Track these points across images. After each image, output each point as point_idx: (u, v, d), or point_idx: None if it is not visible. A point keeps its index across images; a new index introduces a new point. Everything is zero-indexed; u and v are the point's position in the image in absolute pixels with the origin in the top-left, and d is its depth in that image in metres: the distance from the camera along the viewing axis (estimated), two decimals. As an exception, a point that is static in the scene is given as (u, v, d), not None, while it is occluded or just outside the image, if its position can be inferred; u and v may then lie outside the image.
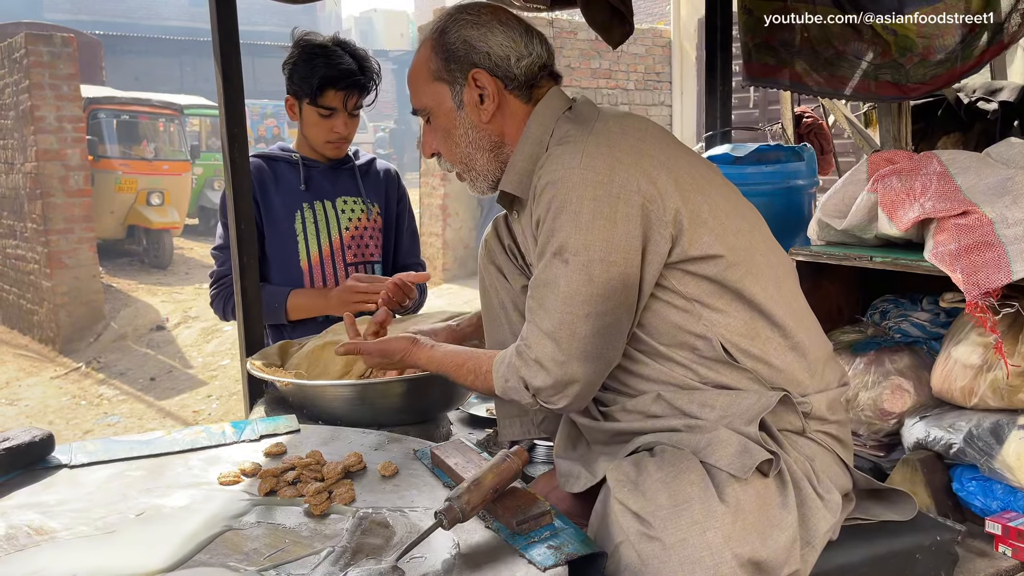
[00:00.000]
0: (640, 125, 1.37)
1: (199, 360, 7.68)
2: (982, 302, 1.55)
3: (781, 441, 1.29)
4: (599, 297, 1.26)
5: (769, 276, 1.35)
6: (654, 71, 10.34)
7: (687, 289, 1.31)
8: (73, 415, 6.49)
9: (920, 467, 1.69)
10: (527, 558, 1.08)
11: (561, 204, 1.26)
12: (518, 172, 1.42)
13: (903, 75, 2.17)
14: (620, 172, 1.26)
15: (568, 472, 1.44)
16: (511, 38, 1.41)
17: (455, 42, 1.41)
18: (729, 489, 1.18)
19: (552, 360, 1.27)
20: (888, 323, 2.05)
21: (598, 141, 1.29)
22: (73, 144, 8.49)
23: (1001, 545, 1.55)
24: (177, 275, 11.07)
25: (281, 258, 2.32)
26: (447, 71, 1.42)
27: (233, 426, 1.58)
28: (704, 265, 1.30)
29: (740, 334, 1.31)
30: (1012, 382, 1.62)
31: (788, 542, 1.19)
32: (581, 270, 1.25)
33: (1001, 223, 1.59)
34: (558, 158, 1.30)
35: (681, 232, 1.28)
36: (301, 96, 2.25)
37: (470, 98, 1.42)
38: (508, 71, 1.41)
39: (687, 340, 1.32)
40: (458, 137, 1.45)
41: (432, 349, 1.53)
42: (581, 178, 1.25)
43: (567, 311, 1.26)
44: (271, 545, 1.15)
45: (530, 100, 1.44)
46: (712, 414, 1.29)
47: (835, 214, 1.99)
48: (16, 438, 1.37)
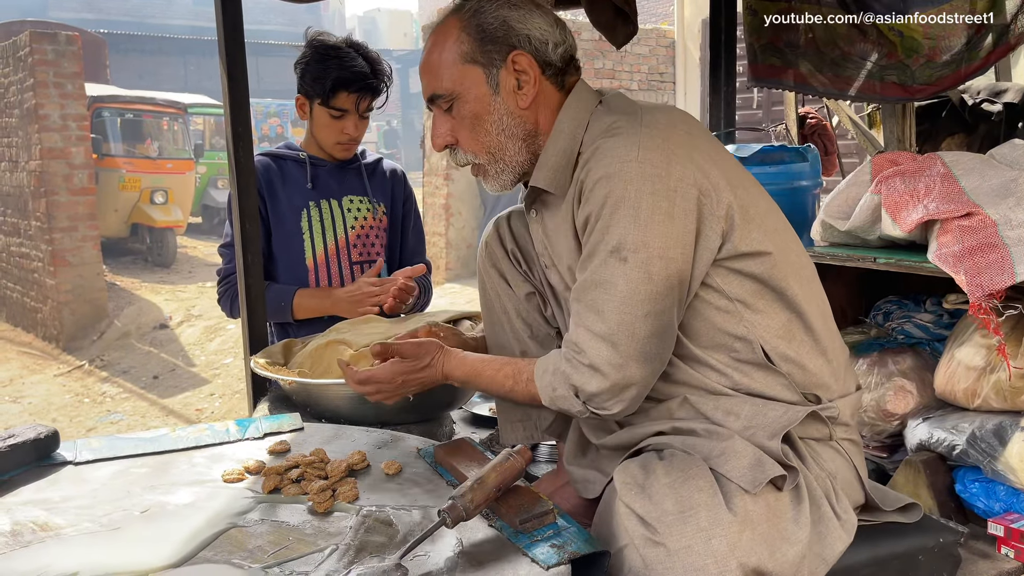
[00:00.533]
0: (684, 117, 1.33)
1: (202, 358, 7.69)
2: (985, 304, 1.55)
3: (804, 455, 1.27)
4: (658, 295, 1.22)
5: (804, 276, 1.33)
6: (658, 71, 10.34)
7: (731, 289, 1.28)
8: (76, 413, 6.50)
9: (923, 468, 1.69)
10: (530, 556, 1.08)
11: (619, 199, 1.21)
12: (551, 168, 1.36)
13: (909, 76, 2.17)
14: (676, 165, 1.22)
15: (584, 479, 1.43)
16: (549, 23, 1.36)
17: (493, 23, 1.34)
18: (738, 499, 1.16)
19: (609, 364, 1.22)
20: (891, 324, 2.05)
21: (652, 133, 1.24)
22: (77, 142, 8.50)
23: (1004, 547, 1.55)
24: (180, 273, 11.08)
25: (287, 256, 2.33)
26: (482, 53, 1.34)
27: (237, 424, 1.59)
28: (751, 262, 1.27)
29: (778, 336, 1.29)
30: (1015, 384, 1.62)
31: (797, 557, 1.17)
32: (640, 268, 1.20)
33: (1005, 225, 1.59)
34: (612, 151, 1.24)
35: (732, 227, 1.26)
36: (312, 96, 2.26)
37: (507, 82, 1.35)
38: (547, 56, 1.35)
39: (726, 342, 1.30)
40: (490, 124, 1.37)
41: (462, 355, 1.46)
42: (639, 171, 1.21)
43: (626, 311, 1.21)
44: (275, 543, 1.15)
45: (563, 88, 1.39)
46: (736, 423, 1.27)
47: (839, 215, 1.99)
48: (21, 435, 1.38)
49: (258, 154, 2.31)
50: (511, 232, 1.59)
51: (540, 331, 1.58)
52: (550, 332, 1.58)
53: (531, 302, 1.57)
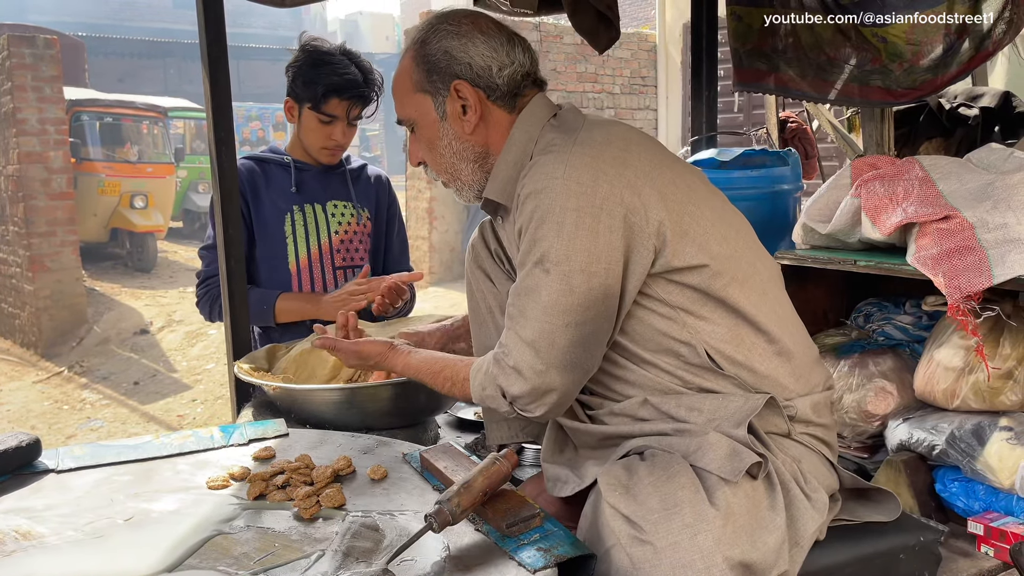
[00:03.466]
0: (625, 134, 1.37)
1: (183, 364, 7.63)
2: (964, 305, 1.57)
3: (768, 443, 1.30)
4: (579, 307, 1.26)
5: (754, 283, 1.36)
6: (640, 75, 10.39)
7: (671, 297, 1.31)
8: (56, 419, 6.44)
9: (904, 468, 1.71)
10: (517, 560, 1.09)
11: (544, 214, 1.26)
12: (502, 180, 1.42)
13: (892, 81, 2.20)
14: (603, 183, 1.26)
15: (556, 477, 1.44)
16: (492, 48, 1.40)
17: (436, 53, 1.40)
18: (719, 492, 1.19)
19: (531, 368, 1.27)
20: (872, 326, 2.07)
21: (582, 151, 1.29)
22: (56, 147, 8.42)
23: (983, 545, 1.57)
24: (161, 278, 10.99)
25: (270, 260, 2.32)
26: (429, 82, 1.41)
27: (221, 430, 1.58)
28: (688, 275, 1.30)
29: (724, 340, 1.32)
30: (993, 384, 1.64)
31: (777, 543, 1.20)
32: (562, 280, 1.25)
33: (982, 228, 1.62)
34: (542, 167, 1.30)
35: (664, 243, 1.29)
36: (303, 100, 2.26)
37: (452, 109, 1.41)
38: (490, 81, 1.40)
39: (671, 346, 1.33)
40: (442, 148, 1.45)
41: (408, 355, 1.53)
42: (564, 188, 1.25)
43: (547, 320, 1.26)
44: (261, 549, 1.15)
45: (514, 109, 1.43)
46: (700, 418, 1.29)
47: (819, 218, 2.01)
48: (2, 443, 1.37)
49: (242, 158, 2.30)
50: (495, 234, 1.63)
51: None
52: None
53: None
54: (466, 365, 1.42)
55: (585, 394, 1.44)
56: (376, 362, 1.57)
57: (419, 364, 1.50)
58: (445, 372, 1.45)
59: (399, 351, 1.55)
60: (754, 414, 1.27)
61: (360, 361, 1.60)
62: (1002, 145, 1.89)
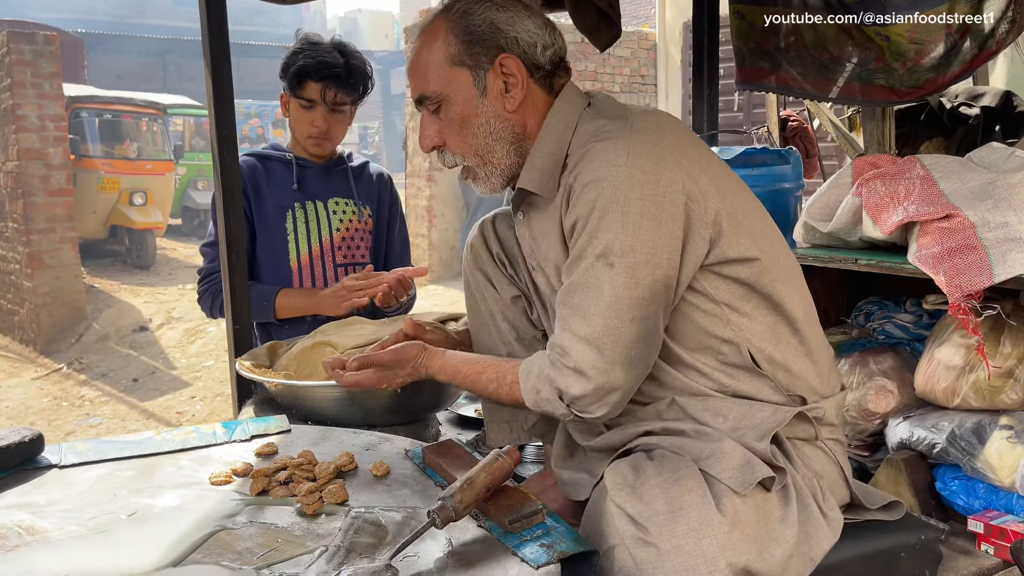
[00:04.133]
0: (673, 123, 1.33)
1: (183, 361, 7.63)
2: (964, 304, 1.57)
3: (791, 455, 1.29)
4: (644, 300, 1.22)
5: (789, 279, 1.34)
6: (639, 74, 10.39)
7: (718, 292, 1.28)
8: (55, 416, 6.43)
9: (904, 467, 1.72)
10: (520, 556, 1.09)
11: (608, 203, 1.21)
12: (539, 170, 1.35)
13: (896, 80, 2.21)
14: (666, 171, 1.22)
15: (572, 481, 1.43)
16: (537, 25, 1.35)
17: (481, 24, 1.33)
18: (727, 499, 1.18)
19: (594, 368, 1.22)
20: (872, 325, 2.07)
21: (642, 139, 1.24)
22: (55, 143, 8.42)
23: (983, 543, 1.57)
24: (160, 276, 10.99)
25: (271, 257, 2.32)
26: (470, 55, 1.33)
27: (224, 426, 1.58)
28: (739, 268, 1.28)
29: (765, 339, 1.30)
30: (994, 383, 1.64)
31: (785, 556, 1.18)
32: (627, 272, 1.21)
33: (983, 226, 1.62)
34: (601, 155, 1.24)
35: (720, 234, 1.26)
36: (288, 90, 2.28)
37: (495, 85, 1.34)
38: (535, 59, 1.35)
39: (713, 345, 1.30)
40: (477, 127, 1.36)
41: (445, 356, 1.46)
42: (628, 176, 1.21)
43: (611, 316, 1.21)
44: (264, 545, 1.15)
45: (552, 91, 1.38)
46: (725, 424, 1.28)
47: (821, 217, 2.01)
48: (5, 438, 1.37)
49: (244, 154, 2.30)
50: (496, 235, 1.59)
51: (526, 334, 1.58)
52: (536, 335, 1.58)
53: (517, 305, 1.57)
54: (513, 367, 1.36)
55: None
56: (413, 366, 1.47)
57: (459, 365, 1.44)
58: (488, 373, 1.39)
59: (433, 352, 1.48)
60: (780, 427, 1.26)
61: (398, 367, 1.48)
62: (1003, 144, 1.89)
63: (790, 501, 1.23)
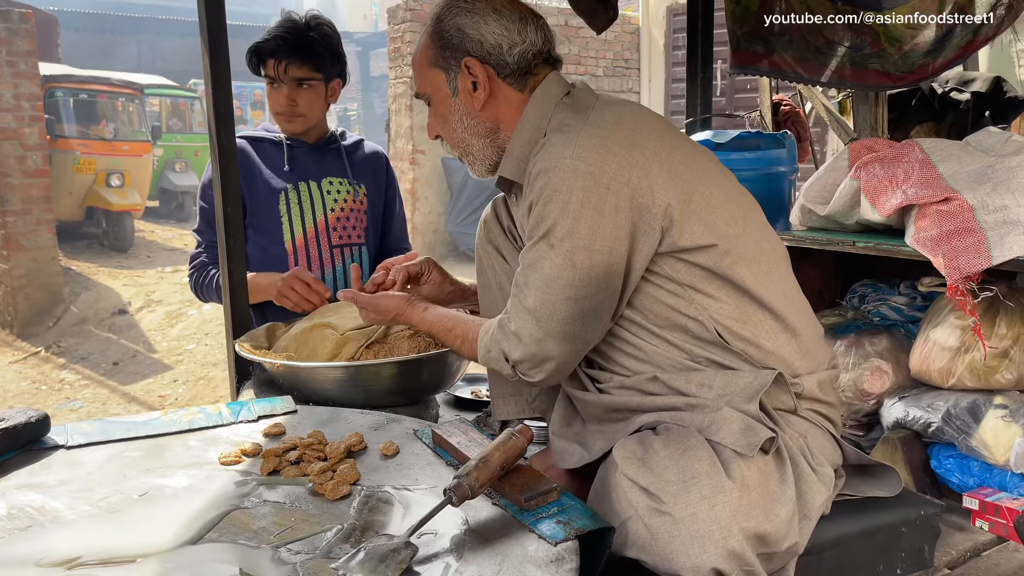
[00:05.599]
0: (636, 115, 1.39)
1: (164, 344, 7.56)
2: (962, 286, 1.60)
3: (776, 419, 1.32)
4: (580, 283, 1.31)
5: (761, 262, 1.38)
6: (623, 58, 10.38)
7: (678, 275, 1.34)
8: (34, 400, 6.36)
9: (900, 445, 1.75)
10: (537, 533, 1.10)
11: (552, 192, 1.30)
12: (516, 158, 1.46)
13: (892, 64, 2.23)
14: (611, 164, 1.29)
15: (563, 449, 1.47)
16: (504, 26, 1.43)
17: (449, 30, 1.44)
18: (734, 465, 1.21)
19: (530, 336, 1.34)
20: (867, 307, 2.10)
21: (592, 132, 1.32)
22: (31, 123, 8.26)
23: (978, 520, 1.61)
24: (139, 258, 10.84)
25: (264, 240, 2.30)
26: (442, 59, 1.46)
27: (229, 407, 1.58)
28: (695, 254, 1.33)
29: (731, 317, 1.34)
30: (989, 363, 1.68)
31: (788, 516, 1.22)
32: (565, 255, 1.30)
33: (982, 209, 1.65)
34: (552, 146, 1.33)
35: (671, 224, 1.32)
36: (254, 72, 2.30)
37: (463, 86, 1.45)
38: (500, 59, 1.44)
39: (680, 321, 1.35)
40: (454, 123, 1.49)
41: (425, 311, 1.60)
42: (572, 168, 1.29)
43: (548, 292, 1.32)
44: (279, 523, 1.15)
45: (524, 88, 1.46)
46: (710, 393, 1.32)
47: (818, 200, 2.03)
48: (12, 419, 1.35)
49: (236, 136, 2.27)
50: (507, 210, 1.66)
51: None
52: None
53: None
54: (477, 325, 1.48)
55: (595, 369, 1.46)
56: (394, 316, 1.63)
57: (434, 320, 1.58)
58: (456, 330, 1.52)
59: (416, 306, 1.62)
60: (763, 390, 1.29)
61: (379, 315, 1.66)
62: (999, 130, 1.91)
63: (785, 462, 1.27)
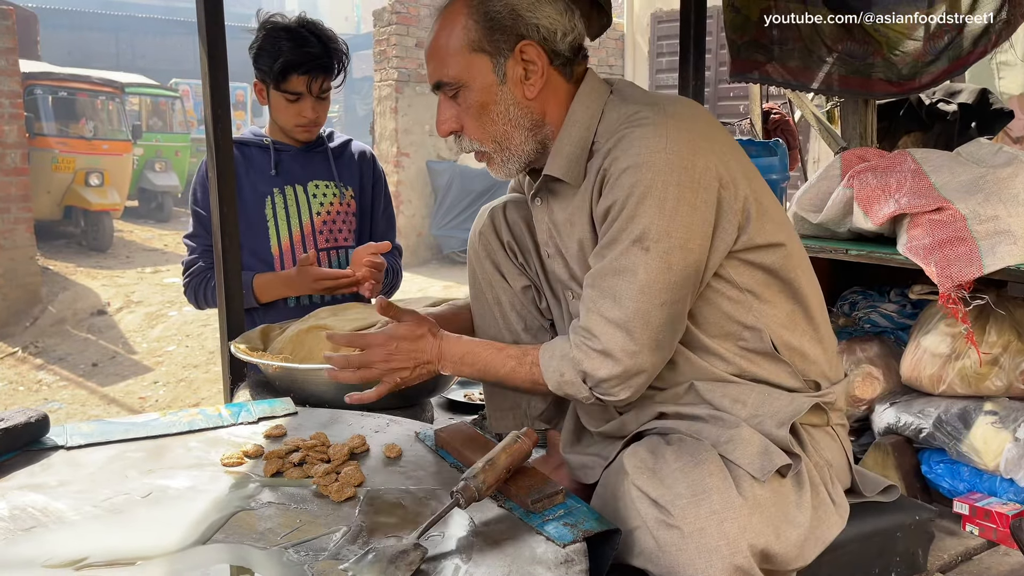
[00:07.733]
0: (701, 109, 1.35)
1: (144, 346, 7.48)
2: (955, 294, 1.63)
3: (804, 442, 1.32)
4: (675, 285, 1.24)
5: (806, 267, 1.37)
6: (607, 63, 10.43)
7: (741, 279, 1.31)
8: (11, 401, 6.27)
9: (891, 451, 1.78)
10: (545, 535, 1.11)
11: (646, 188, 1.22)
12: (566, 157, 1.35)
13: (895, 73, 2.26)
14: (701, 157, 1.23)
15: (581, 465, 1.45)
16: (558, 11, 1.34)
17: (501, 11, 1.32)
18: (746, 483, 1.20)
19: (623, 351, 1.24)
20: (858, 314, 2.13)
21: (678, 125, 1.25)
22: (10, 121, 8.16)
23: (968, 524, 1.64)
24: (118, 258, 10.72)
25: (251, 244, 2.28)
26: (490, 42, 1.32)
27: (228, 408, 1.57)
28: (765, 254, 1.30)
29: (782, 325, 1.33)
30: (980, 370, 1.71)
31: (800, 539, 1.22)
32: (661, 257, 1.22)
33: (974, 219, 1.68)
34: (640, 140, 1.24)
35: (748, 220, 1.28)
36: (268, 81, 2.23)
37: (514, 72, 1.33)
38: (555, 46, 1.34)
39: (735, 331, 1.32)
40: (496, 113, 1.35)
41: (458, 335, 1.42)
42: (667, 162, 1.22)
43: (643, 300, 1.23)
44: (285, 525, 1.15)
45: (571, 78, 1.38)
46: (743, 411, 1.30)
47: (811, 208, 2.06)
48: (11, 419, 1.34)
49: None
50: (507, 223, 1.58)
51: (533, 323, 1.59)
52: (543, 324, 1.59)
53: (527, 295, 1.58)
54: (533, 349, 1.35)
55: None
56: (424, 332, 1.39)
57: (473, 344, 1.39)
58: (508, 351, 1.37)
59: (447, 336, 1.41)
60: (798, 416, 1.29)
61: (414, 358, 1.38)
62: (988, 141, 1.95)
63: (804, 487, 1.26)
